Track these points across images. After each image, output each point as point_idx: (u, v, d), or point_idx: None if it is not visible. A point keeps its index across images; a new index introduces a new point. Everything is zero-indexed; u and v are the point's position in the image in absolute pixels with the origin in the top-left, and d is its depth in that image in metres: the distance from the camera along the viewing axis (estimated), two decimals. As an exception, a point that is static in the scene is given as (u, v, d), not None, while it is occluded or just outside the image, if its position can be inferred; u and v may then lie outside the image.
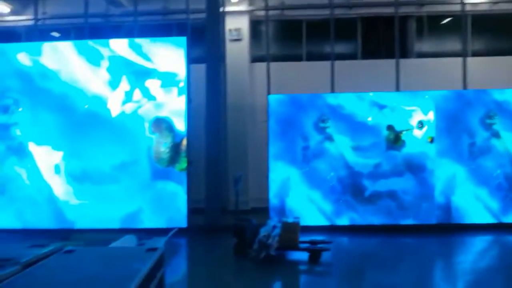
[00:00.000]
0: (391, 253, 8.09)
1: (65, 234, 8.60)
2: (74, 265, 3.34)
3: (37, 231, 9.32)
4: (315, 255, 7.08)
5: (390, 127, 9.72)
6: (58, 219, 9.50)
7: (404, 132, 9.66)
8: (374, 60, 12.21)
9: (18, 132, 9.69)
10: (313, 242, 7.41)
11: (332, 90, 10.72)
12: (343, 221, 9.65)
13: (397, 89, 10.76)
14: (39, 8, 11.94)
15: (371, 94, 9.89)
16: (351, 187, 9.66)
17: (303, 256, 7.19)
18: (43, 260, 3.42)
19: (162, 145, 9.39)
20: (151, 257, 3.58)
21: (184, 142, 9.41)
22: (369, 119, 9.69)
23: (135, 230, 8.32)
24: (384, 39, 12.52)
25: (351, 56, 12.54)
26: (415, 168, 9.61)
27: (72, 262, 3.44)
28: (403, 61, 11.28)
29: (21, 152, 9.63)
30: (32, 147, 9.62)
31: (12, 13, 12.84)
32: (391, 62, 11.37)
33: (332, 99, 9.97)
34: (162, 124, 9.45)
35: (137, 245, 6.55)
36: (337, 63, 11.15)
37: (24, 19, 12.83)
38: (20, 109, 9.67)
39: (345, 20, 12.46)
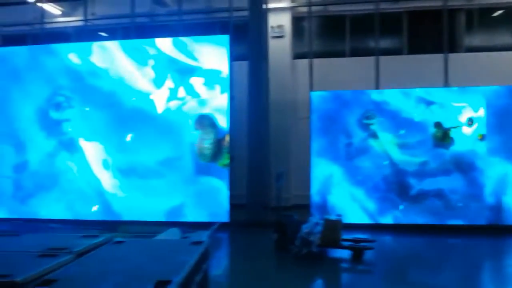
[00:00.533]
0: (436, 254, 7.82)
1: (113, 226, 8.94)
2: (124, 256, 3.44)
3: (86, 222, 9.72)
4: (358, 253, 6.97)
5: (437, 124, 9.41)
6: (106, 211, 9.87)
7: (452, 130, 9.32)
8: (420, 55, 11.88)
9: (69, 128, 10.13)
10: (355, 241, 7.29)
11: (377, 87, 10.49)
12: (387, 219, 9.44)
13: (446, 84, 10.38)
14: (88, 9, 12.39)
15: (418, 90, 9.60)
16: (396, 185, 9.43)
17: (345, 254, 7.10)
18: (94, 250, 3.55)
19: (205, 141, 9.52)
20: (196, 250, 3.64)
21: (227, 138, 9.50)
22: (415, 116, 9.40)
23: (178, 224, 8.53)
24: (431, 33, 12.14)
25: (397, 51, 12.25)
26: (464, 166, 9.26)
27: (121, 252, 3.55)
28: (451, 56, 10.87)
29: (71, 147, 10.06)
30: (82, 142, 10.04)
31: (63, 14, 13.41)
32: (438, 57, 11.00)
33: (377, 95, 9.76)
34: (205, 121, 9.58)
35: (181, 238, 6.71)
36: (382, 58, 10.91)
37: (73, 20, 13.38)
38: (71, 106, 10.11)
39: (390, 14, 12.18)
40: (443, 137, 9.36)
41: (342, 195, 9.59)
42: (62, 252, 3.33)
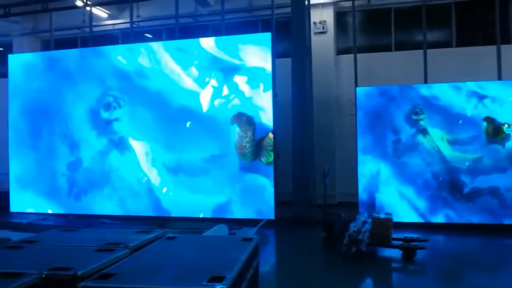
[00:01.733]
0: (492, 255, 7.47)
1: (161, 222, 9.14)
2: (177, 251, 3.49)
3: (136, 218, 9.99)
4: (409, 253, 6.75)
5: (488, 119, 8.97)
6: (155, 207, 10.10)
7: (507, 125, 8.86)
8: (471, 48, 11.43)
9: (119, 127, 10.44)
10: (407, 240, 7.08)
11: (425, 81, 10.14)
12: (439, 218, 9.10)
13: (499, 77, 9.89)
14: (134, 11, 12.71)
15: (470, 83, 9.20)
16: (448, 183, 9.07)
17: (395, 253, 6.90)
18: (148, 245, 3.62)
19: (244, 140, 9.53)
20: (247, 247, 3.63)
21: (271, 135, 9.48)
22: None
23: (225, 220, 8.60)
24: (481, 25, 11.63)
25: (445, 44, 11.81)
26: (521, 163, 8.78)
27: (174, 248, 3.60)
28: (504, 48, 10.34)
29: (121, 146, 10.37)
30: (131, 140, 10.32)
31: (110, 17, 13.84)
32: (490, 49, 10.50)
33: (426, 90, 9.44)
34: (242, 118, 9.59)
35: (229, 234, 6.75)
36: (430, 51, 10.54)
37: (120, 22, 13.78)
38: (120, 106, 10.42)
39: (438, 6, 11.78)
40: (495, 132, 8.91)
41: (390, 193, 9.33)
42: (119, 247, 3.41)
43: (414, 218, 9.19)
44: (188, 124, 9.92)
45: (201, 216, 9.66)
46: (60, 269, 2.77)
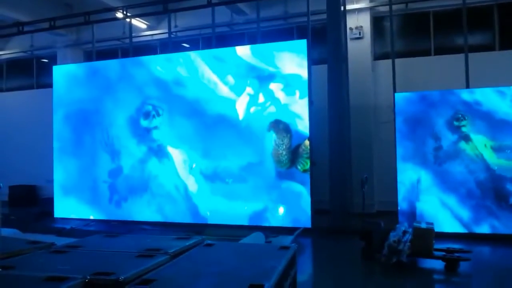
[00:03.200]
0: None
1: (199, 229, 9.22)
2: (215, 258, 3.50)
3: (175, 224, 10.12)
4: (452, 264, 6.50)
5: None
6: (192, 214, 10.22)
7: None
8: (515, 51, 10.98)
9: (157, 135, 10.65)
10: (449, 251, 6.82)
11: (467, 86, 9.81)
12: (483, 229, 8.72)
13: (547, 81, 9.45)
14: (172, 22, 12.99)
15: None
16: (493, 192, 8.69)
17: (438, 265, 6.66)
18: (187, 252, 3.65)
19: (280, 147, 9.50)
20: (285, 256, 3.60)
21: (307, 143, 9.41)
22: None
23: (261, 228, 8.57)
24: (526, 27, 11.18)
25: (488, 48, 11.44)
26: None
27: (212, 255, 3.61)
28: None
29: (160, 153, 10.58)
30: (169, 148, 10.51)
31: (148, 28, 14.21)
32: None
33: (468, 95, 9.12)
34: (279, 125, 9.57)
35: (266, 242, 6.72)
36: (472, 55, 10.20)
37: (158, 33, 14.12)
38: (159, 115, 10.65)
39: (479, 8, 11.42)
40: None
41: (431, 202, 9.03)
42: (158, 253, 3.46)
43: (457, 228, 8.85)
44: (224, 131, 10.00)
45: (238, 223, 9.67)
46: (102, 274, 2.83)
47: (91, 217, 11.16)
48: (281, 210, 9.40)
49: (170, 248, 3.57)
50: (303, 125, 9.47)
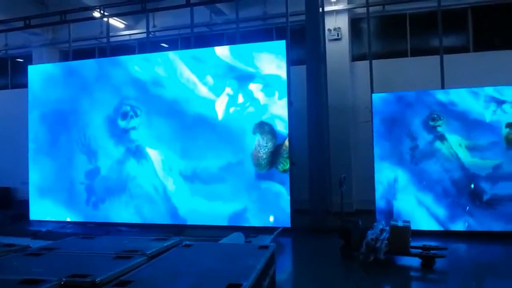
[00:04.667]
0: (514, 263, 7.30)
1: (179, 230, 9.16)
2: (194, 258, 3.50)
3: (154, 225, 10.03)
4: (428, 261, 6.63)
5: (510, 125, 8.81)
6: (171, 215, 10.14)
7: None
8: (488, 52, 11.27)
9: (135, 136, 10.54)
10: (425, 248, 6.95)
11: (442, 86, 10.01)
12: (458, 226, 8.92)
13: (518, 82, 9.71)
14: (150, 21, 12.88)
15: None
16: (467, 190, 8.91)
17: (414, 262, 6.78)
18: (165, 253, 3.63)
19: (262, 149, 9.52)
20: (263, 255, 3.62)
21: (286, 143, 9.46)
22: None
23: (240, 228, 8.57)
24: (498, 29, 11.47)
25: (462, 49, 11.68)
26: (543, 169, 8.57)
27: (191, 255, 3.61)
28: (523, 52, 10.19)
29: (138, 154, 10.48)
30: (148, 149, 10.41)
31: (126, 28, 14.05)
32: (508, 53, 10.34)
33: (443, 95, 9.32)
34: (264, 127, 9.59)
35: (245, 242, 6.73)
36: (447, 57, 10.42)
37: (136, 32, 13.98)
38: (137, 115, 10.54)
39: (454, 11, 11.65)
40: (517, 138, 8.74)
41: (408, 200, 9.19)
42: (136, 254, 3.44)
43: (432, 226, 9.03)
44: (203, 132, 9.98)
45: (217, 224, 9.65)
46: (78, 276, 2.80)
47: (68, 219, 10.97)
48: (271, 218, 9.41)
49: (147, 249, 3.56)
50: (282, 126, 9.51)
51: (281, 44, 9.88)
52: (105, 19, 12.86)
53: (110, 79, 10.84)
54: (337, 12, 12.09)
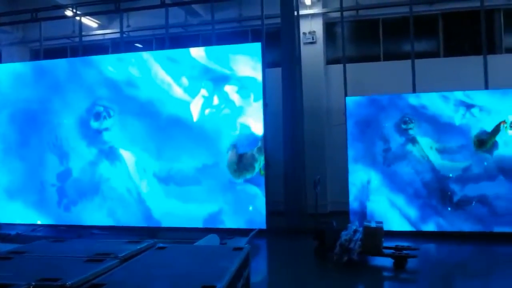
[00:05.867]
0: (482, 262, 7.53)
1: (152, 232, 9.06)
2: (167, 261, 3.46)
3: (127, 228, 9.88)
4: (400, 261, 6.76)
5: (480, 129, 9.08)
6: (146, 218, 10.01)
7: (496, 134, 8.97)
8: (458, 58, 11.59)
9: (109, 137, 10.36)
10: (398, 248, 7.09)
11: (414, 90, 10.24)
12: (429, 227, 9.12)
13: (486, 87, 10.03)
14: (124, 21, 12.71)
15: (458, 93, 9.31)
16: (438, 192, 9.13)
17: (387, 262, 6.90)
18: (138, 255, 3.58)
19: (234, 158, 9.51)
20: (238, 256, 3.61)
21: (261, 145, 9.48)
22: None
23: (216, 230, 8.54)
24: (468, 35, 11.81)
25: (433, 54, 11.98)
26: (510, 171, 8.86)
27: (164, 258, 3.57)
28: (490, 58, 10.51)
29: (111, 156, 10.29)
30: (121, 150, 10.24)
31: (99, 27, 13.83)
32: (477, 59, 10.66)
33: (414, 99, 9.53)
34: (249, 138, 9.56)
35: (220, 244, 6.71)
36: (418, 61, 10.66)
37: (110, 32, 13.78)
38: (110, 116, 10.36)
39: (425, 17, 11.95)
40: (485, 141, 9.01)
41: (381, 201, 9.35)
42: (108, 257, 3.37)
43: (405, 226, 9.21)
44: (178, 133, 9.90)
45: (193, 226, 9.58)
46: (48, 280, 2.73)
47: (39, 222, 10.68)
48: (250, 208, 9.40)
49: (120, 252, 3.50)
50: (257, 128, 9.53)
51: (257, 46, 9.91)
52: (78, 18, 12.62)
53: (83, 79, 10.61)
54: (312, 16, 12.22)
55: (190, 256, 3.75)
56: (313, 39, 12.19)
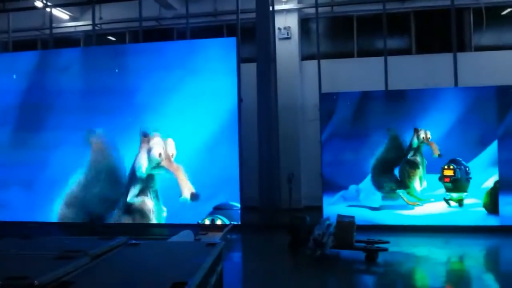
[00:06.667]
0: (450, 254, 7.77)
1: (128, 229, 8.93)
2: (139, 258, 3.42)
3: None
4: (371, 254, 6.90)
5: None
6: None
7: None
8: (429, 55, 11.82)
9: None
10: (369, 242, 7.22)
11: (386, 87, 10.42)
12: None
13: (456, 84, 10.30)
14: (96, 13, 12.44)
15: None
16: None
17: (359, 255, 7.03)
18: (110, 252, 3.53)
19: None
20: (211, 252, 3.61)
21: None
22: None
23: (191, 226, 8.50)
24: (439, 33, 12.07)
25: (405, 51, 12.19)
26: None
27: (136, 255, 3.53)
28: (460, 55, 10.79)
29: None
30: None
31: (71, 19, 13.50)
32: (447, 56, 10.93)
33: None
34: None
35: (194, 240, 6.68)
36: (391, 58, 10.84)
37: (82, 24, 13.47)
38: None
39: (398, 14, 12.14)
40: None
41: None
42: (78, 254, 3.31)
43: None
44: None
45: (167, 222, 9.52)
46: (15, 278, 2.67)
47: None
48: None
49: (91, 249, 3.43)
50: (233, 123, 9.50)
51: (232, 41, 9.88)
52: (48, 9, 12.28)
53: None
54: (287, 11, 12.25)
55: (163, 252, 3.72)
56: (288, 34, 12.22)
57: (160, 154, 9.31)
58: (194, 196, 9.14)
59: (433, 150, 9.15)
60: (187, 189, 9.14)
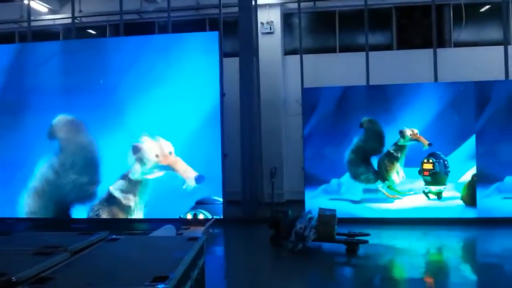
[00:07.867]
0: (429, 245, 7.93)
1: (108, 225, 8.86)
2: (119, 253, 3.41)
3: (80, 221, 9.56)
4: (352, 247, 7.00)
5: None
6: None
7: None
8: (409, 50, 11.95)
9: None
10: (350, 235, 7.32)
11: (367, 82, 10.52)
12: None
13: (436, 79, 10.45)
14: (76, 6, 12.22)
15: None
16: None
17: (340, 248, 7.12)
18: (90, 248, 3.51)
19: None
20: (192, 247, 3.61)
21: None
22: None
23: (173, 220, 8.49)
24: (420, 29, 12.21)
25: (386, 47, 12.31)
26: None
27: (117, 250, 3.51)
28: (440, 51, 10.94)
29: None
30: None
31: (50, 12, 13.24)
32: (427, 52, 11.07)
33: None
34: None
35: (176, 235, 6.67)
36: (372, 54, 10.94)
37: (61, 17, 13.22)
38: None
39: (379, 10, 12.23)
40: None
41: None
42: (57, 250, 3.28)
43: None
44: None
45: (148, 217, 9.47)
46: (-8, 274, 2.63)
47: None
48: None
49: (70, 245, 3.40)
50: (216, 118, 9.48)
51: (214, 35, 9.85)
52: (26, 1, 12.02)
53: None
54: (269, 5, 12.21)
55: (144, 247, 3.71)
56: (271, 29, 12.21)
57: (156, 155, 9.24)
58: (199, 178, 9.06)
59: (422, 143, 9.27)
60: (191, 174, 9.07)
